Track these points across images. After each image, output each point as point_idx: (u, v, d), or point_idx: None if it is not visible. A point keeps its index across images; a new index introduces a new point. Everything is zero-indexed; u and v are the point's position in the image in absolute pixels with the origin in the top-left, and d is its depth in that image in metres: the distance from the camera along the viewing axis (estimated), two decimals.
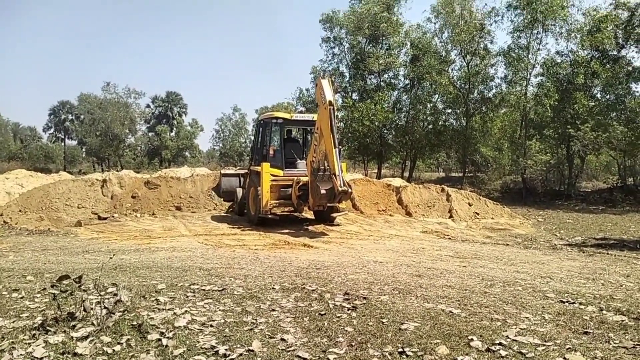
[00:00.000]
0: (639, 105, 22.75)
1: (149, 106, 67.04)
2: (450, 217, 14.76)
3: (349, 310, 4.44)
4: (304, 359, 3.34)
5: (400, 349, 3.49)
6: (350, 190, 10.68)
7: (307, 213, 13.83)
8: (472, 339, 3.69)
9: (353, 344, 3.62)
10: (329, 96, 10.62)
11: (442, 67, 28.99)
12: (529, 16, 24.80)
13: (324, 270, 6.43)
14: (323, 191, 10.59)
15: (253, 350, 3.42)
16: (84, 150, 68.52)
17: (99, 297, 4.02)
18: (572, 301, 4.93)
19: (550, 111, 24.44)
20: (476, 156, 32.89)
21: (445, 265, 7.26)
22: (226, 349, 3.42)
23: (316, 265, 6.91)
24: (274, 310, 4.41)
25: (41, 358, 3.15)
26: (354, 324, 4.06)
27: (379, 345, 3.59)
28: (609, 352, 3.54)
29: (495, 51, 28.09)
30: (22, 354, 3.20)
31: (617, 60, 23.74)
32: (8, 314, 4.08)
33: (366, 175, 25.47)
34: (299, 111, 39.03)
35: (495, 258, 8.26)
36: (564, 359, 3.38)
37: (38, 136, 79.77)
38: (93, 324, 3.63)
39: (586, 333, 3.94)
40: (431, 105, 31.95)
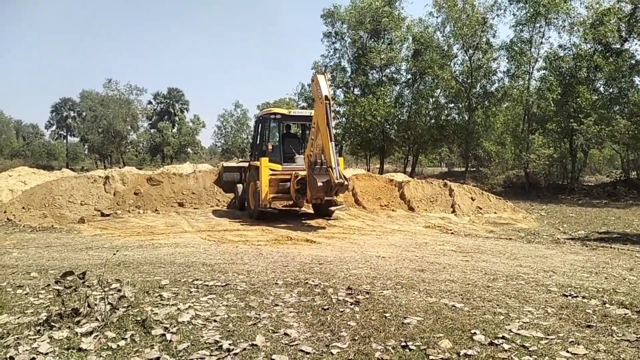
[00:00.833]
0: None
1: (150, 103, 67.24)
2: (453, 211, 14.75)
3: (351, 304, 4.45)
4: (307, 353, 3.34)
5: (403, 343, 3.50)
6: (346, 182, 10.87)
7: (307, 208, 13.89)
8: (475, 333, 3.70)
9: (356, 338, 3.63)
10: (324, 91, 10.79)
11: (444, 62, 28.89)
12: (532, 9, 24.70)
13: (326, 266, 6.44)
14: (320, 184, 10.78)
15: (256, 345, 3.43)
16: (86, 147, 68.64)
17: (103, 293, 4.03)
18: (575, 295, 4.93)
19: (553, 105, 24.37)
20: (479, 151, 32.85)
21: (448, 260, 7.26)
22: (230, 344, 3.43)
23: (319, 260, 6.93)
24: (277, 305, 4.42)
25: (46, 353, 3.17)
26: (357, 318, 4.07)
27: (382, 339, 3.60)
28: (612, 345, 3.53)
29: (497, 45, 28.00)
30: (27, 350, 3.22)
31: (620, 53, 23.62)
32: (13, 310, 4.10)
33: (368, 171, 25.46)
34: (301, 107, 39.03)
35: (498, 252, 8.26)
36: (567, 352, 3.38)
37: (40, 133, 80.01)
38: (97, 319, 3.64)
39: (589, 326, 3.94)
40: (433, 100, 31.87)
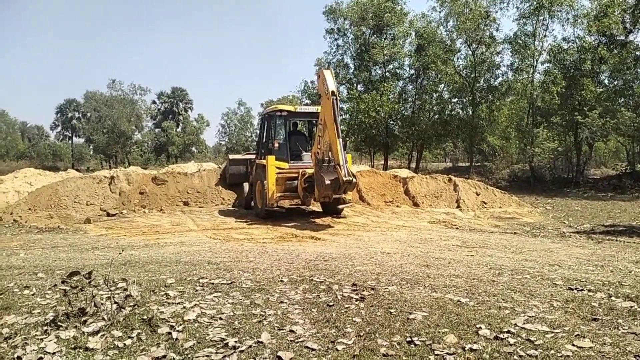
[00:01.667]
0: None
1: (154, 102, 67.36)
2: (458, 207, 14.72)
3: (357, 301, 4.46)
4: (312, 349, 3.35)
5: (409, 339, 3.50)
6: (355, 180, 10.72)
7: (314, 206, 13.84)
8: (480, 328, 3.70)
9: (361, 334, 3.63)
10: (331, 86, 10.66)
11: (447, 56, 28.79)
12: (535, 2, 24.56)
13: (331, 262, 6.45)
14: (328, 182, 10.60)
15: (262, 342, 3.45)
16: (91, 147, 68.84)
17: (109, 292, 4.06)
18: (580, 288, 4.92)
19: (557, 98, 24.25)
20: (483, 145, 32.73)
21: (453, 255, 7.26)
22: (235, 341, 3.45)
23: (324, 257, 6.93)
24: (282, 302, 4.43)
25: (53, 353, 3.19)
26: (362, 314, 4.07)
27: (387, 335, 3.60)
28: (617, 338, 3.53)
29: (501, 39, 27.87)
30: (34, 350, 3.24)
31: (624, 45, 23.45)
32: (20, 311, 4.13)
33: (373, 167, 25.42)
34: (305, 104, 39.01)
35: (503, 247, 8.24)
36: (573, 345, 3.37)
37: (45, 135, 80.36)
38: (104, 318, 3.67)
39: (595, 320, 3.93)
40: (437, 95, 31.78)
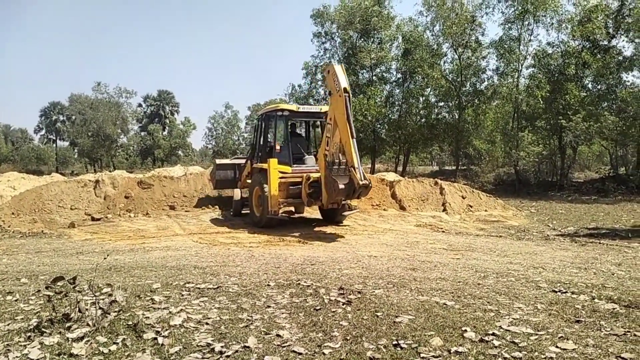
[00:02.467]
0: (630, 94, 22.89)
1: (140, 105, 66.92)
2: (444, 210, 14.83)
3: (343, 304, 4.47)
4: (299, 354, 3.36)
5: (395, 342, 3.52)
6: (370, 184, 10.06)
7: (311, 213, 13.56)
8: (465, 330, 3.73)
9: (348, 337, 3.64)
10: (343, 82, 9.94)
11: (434, 61, 29.02)
12: (520, 7, 24.88)
13: (318, 266, 6.46)
14: (342, 186, 9.83)
15: (249, 347, 3.44)
16: (76, 151, 68.03)
17: (94, 297, 4.02)
18: (564, 290, 4.99)
19: (542, 102, 24.57)
20: (469, 149, 33.03)
21: (439, 258, 7.31)
22: (222, 346, 3.44)
23: (311, 261, 6.94)
24: (269, 306, 4.43)
25: (37, 359, 3.15)
26: (349, 318, 4.09)
27: (374, 338, 3.62)
28: (600, 339, 3.58)
29: (486, 43, 28.17)
30: (17, 356, 3.20)
31: (607, 50, 23.85)
32: (3, 317, 4.08)
33: None
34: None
35: (488, 250, 8.32)
36: (557, 347, 3.42)
37: (29, 138, 79.31)
38: (88, 324, 3.63)
39: (578, 322, 3.99)
40: (424, 98, 31.99)
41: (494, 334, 3.65)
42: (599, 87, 24.98)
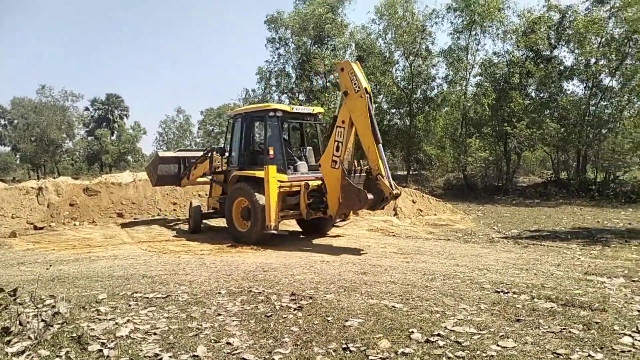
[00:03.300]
0: (570, 103, 24.11)
1: (87, 109, 64.55)
2: (395, 214, 15.12)
3: (295, 310, 4.50)
4: None
5: (344, 345, 3.59)
6: (400, 192, 9.39)
7: (287, 225, 12.40)
8: (412, 332, 3.85)
9: (298, 343, 3.68)
10: (364, 82, 9.23)
11: (386, 68, 29.57)
12: (468, 18, 25.74)
13: (271, 272, 6.46)
14: (370, 196, 8.92)
15: (198, 356, 3.42)
16: (17, 156, 64.76)
17: (36, 309, 3.88)
18: (506, 291, 5.21)
19: (488, 110, 25.47)
20: (420, 155, 33.78)
21: (390, 262, 7.46)
22: (170, 356, 3.40)
23: (263, 267, 6.93)
24: (219, 314, 4.40)
25: None
26: (300, 323, 4.12)
27: (324, 342, 3.67)
28: (538, 337, 3.78)
29: (436, 52, 28.96)
30: None
31: (549, 60, 25.02)
32: None
33: None
34: None
35: (436, 253, 8.56)
36: (498, 345, 3.59)
37: None
38: (30, 337, 3.50)
39: (518, 320, 4.19)
40: (376, 105, 32.51)
41: (439, 335, 3.78)
42: (541, 95, 26.14)
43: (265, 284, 5.62)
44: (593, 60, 23.08)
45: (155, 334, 3.85)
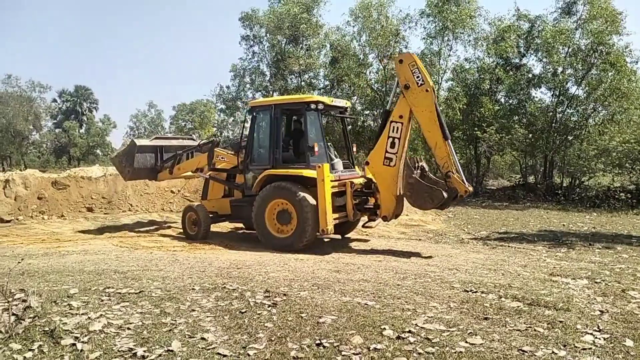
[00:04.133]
0: (537, 109, 24.77)
1: (55, 101, 62.80)
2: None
3: (269, 307, 4.55)
4: (224, 356, 3.40)
5: (318, 341, 3.66)
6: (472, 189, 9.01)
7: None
8: (384, 329, 3.95)
9: (273, 338, 3.74)
10: (428, 77, 8.85)
11: (360, 70, 29.72)
12: (440, 24, 26.12)
13: (245, 270, 6.48)
14: (445, 194, 8.44)
15: (172, 350, 3.44)
16: None
17: (7, 303, 3.82)
18: (475, 290, 5.38)
19: (459, 114, 25.93)
20: None
21: (362, 261, 7.58)
22: (144, 351, 3.41)
23: (237, 264, 6.94)
24: (193, 310, 4.42)
25: None
26: (274, 320, 4.18)
27: (298, 338, 3.74)
28: (505, 334, 3.93)
29: None
30: None
31: (519, 67, 25.61)
32: None
33: None
34: (219, 109, 38.44)
35: (408, 252, 8.73)
36: (466, 342, 3.72)
37: None
38: (0, 331, 3.45)
39: (486, 319, 4.34)
40: (350, 106, 32.67)
41: (410, 332, 3.89)
42: (510, 101, 26.70)
43: (239, 281, 5.65)
44: (560, 69, 23.72)
45: (128, 328, 3.85)
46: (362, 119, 32.62)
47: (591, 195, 21.11)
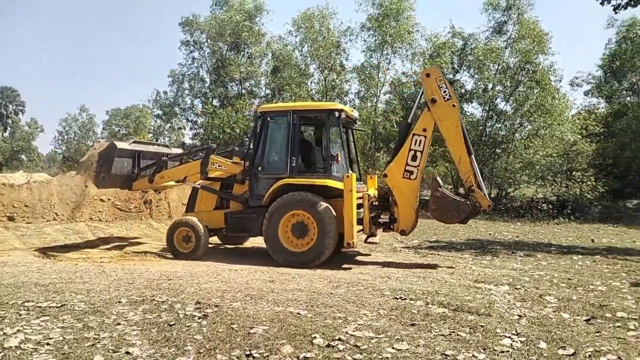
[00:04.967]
0: (469, 123, 25.95)
1: None
2: None
3: (199, 319, 4.48)
4: None
5: (248, 352, 3.65)
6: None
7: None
8: (315, 337, 4.00)
9: (201, 351, 3.68)
10: (453, 93, 9.00)
11: (301, 80, 29.99)
12: (380, 38, 26.92)
13: (176, 281, 6.33)
14: (472, 208, 8.58)
15: None
16: None
17: None
18: (404, 297, 5.55)
19: (396, 126, 26.71)
20: None
21: (297, 270, 7.60)
22: None
23: (168, 276, 6.76)
24: (119, 324, 4.27)
25: None
26: (204, 331, 4.12)
27: (227, 350, 3.71)
28: (430, 340, 4.09)
29: (350, 68, 29.87)
30: None
31: (452, 83, 26.78)
32: None
33: None
34: (156, 115, 37.41)
35: (342, 261, 8.86)
36: (392, 348, 3.84)
37: None
38: None
39: (413, 325, 4.50)
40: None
41: (340, 339, 3.96)
42: None
43: (169, 293, 5.51)
44: (490, 85, 25.04)
45: (48, 344, 3.67)
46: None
47: (516, 206, 22.30)
